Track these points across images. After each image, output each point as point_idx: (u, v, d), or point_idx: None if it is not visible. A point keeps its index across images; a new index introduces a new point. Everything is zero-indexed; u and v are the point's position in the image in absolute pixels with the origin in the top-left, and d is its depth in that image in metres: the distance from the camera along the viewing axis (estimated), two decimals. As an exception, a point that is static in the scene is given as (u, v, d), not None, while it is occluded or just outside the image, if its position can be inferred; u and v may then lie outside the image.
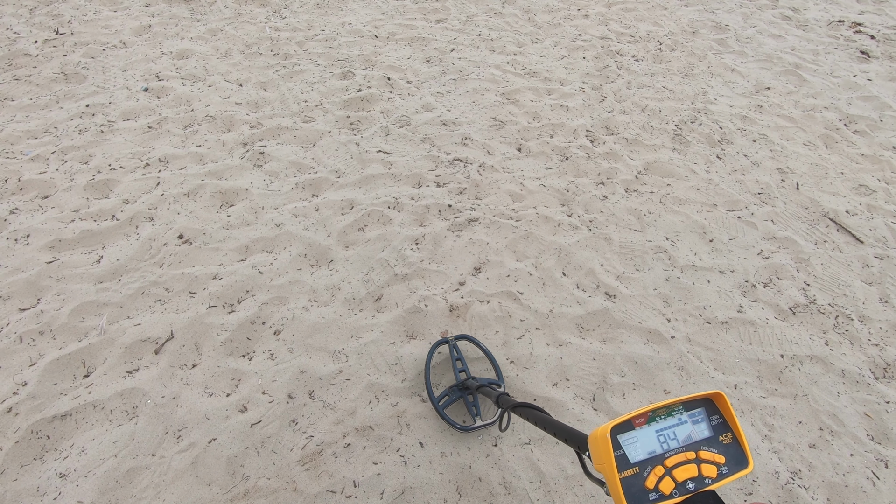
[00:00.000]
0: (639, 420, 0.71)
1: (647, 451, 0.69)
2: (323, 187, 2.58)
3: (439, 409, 1.70)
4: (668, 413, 0.72)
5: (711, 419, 0.73)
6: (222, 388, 1.77)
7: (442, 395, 1.74)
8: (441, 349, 1.92)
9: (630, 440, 0.70)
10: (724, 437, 0.72)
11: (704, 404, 0.74)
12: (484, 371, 1.88)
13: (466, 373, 1.80)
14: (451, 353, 1.84)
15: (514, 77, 3.56)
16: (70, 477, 1.52)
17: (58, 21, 3.63)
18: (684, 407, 0.73)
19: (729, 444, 0.72)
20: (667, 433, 0.71)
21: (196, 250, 2.21)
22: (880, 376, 2.00)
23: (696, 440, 0.71)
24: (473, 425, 1.67)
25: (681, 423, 0.72)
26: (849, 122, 3.39)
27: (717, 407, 0.74)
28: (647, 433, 0.70)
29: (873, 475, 1.71)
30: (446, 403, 1.73)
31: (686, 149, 3.05)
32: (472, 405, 1.72)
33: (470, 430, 1.66)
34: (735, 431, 0.73)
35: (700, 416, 0.73)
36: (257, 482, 1.55)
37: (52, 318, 1.90)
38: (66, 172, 2.50)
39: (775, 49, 4.18)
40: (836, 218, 2.67)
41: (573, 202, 2.62)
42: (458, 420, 1.72)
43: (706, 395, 0.74)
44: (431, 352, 1.85)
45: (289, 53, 3.57)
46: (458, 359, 1.83)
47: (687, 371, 1.94)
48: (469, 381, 1.71)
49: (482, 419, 1.69)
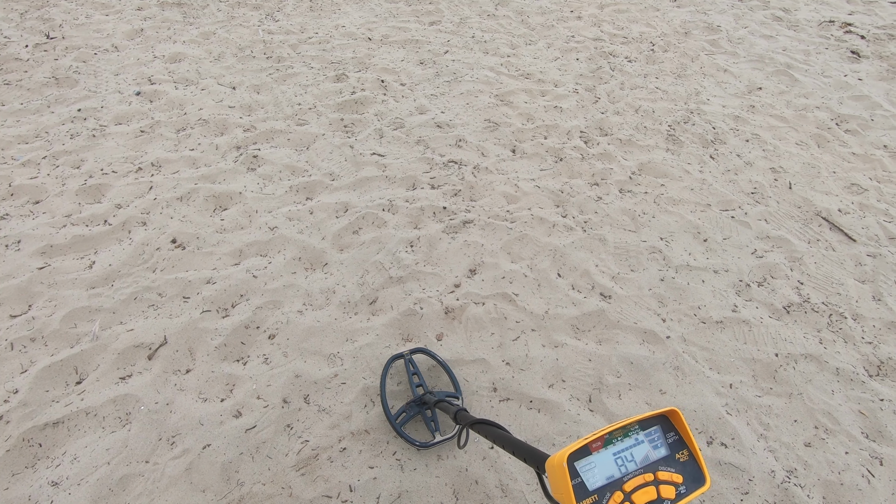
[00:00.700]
0: (595, 444, 0.70)
1: (605, 476, 0.68)
2: (317, 190, 2.57)
3: (396, 427, 1.65)
4: (625, 434, 0.71)
5: (668, 437, 0.73)
6: (216, 394, 1.76)
7: (399, 412, 1.70)
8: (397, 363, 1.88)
9: (588, 466, 0.69)
10: (680, 454, 0.72)
11: (660, 422, 0.74)
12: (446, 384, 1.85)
13: (424, 387, 1.75)
14: (407, 367, 1.79)
15: (507, 79, 3.57)
16: (62, 485, 1.51)
17: (49, 25, 3.61)
18: (640, 426, 0.72)
19: (686, 462, 0.72)
20: (624, 455, 0.70)
21: (189, 255, 2.19)
22: (874, 374, 2.01)
23: (654, 460, 0.71)
24: (431, 441, 1.63)
25: (638, 443, 0.71)
26: (840, 122, 3.42)
27: (673, 424, 0.74)
28: (605, 457, 0.69)
29: (868, 473, 1.71)
30: (404, 420, 1.68)
31: (679, 149, 3.07)
32: (431, 420, 1.68)
33: (429, 446, 1.63)
34: (691, 448, 0.73)
35: (656, 434, 0.73)
36: (252, 488, 1.54)
37: (44, 325, 1.88)
38: (58, 177, 2.48)
39: (767, 49, 4.21)
40: (829, 217, 2.69)
41: (568, 203, 2.62)
42: (418, 436, 1.67)
43: (661, 413, 0.74)
44: (386, 368, 1.80)
45: (282, 56, 3.57)
46: (415, 373, 1.78)
47: (682, 371, 1.94)
48: (426, 396, 1.66)
49: (441, 434, 1.65)
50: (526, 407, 1.79)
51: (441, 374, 1.87)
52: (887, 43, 4.36)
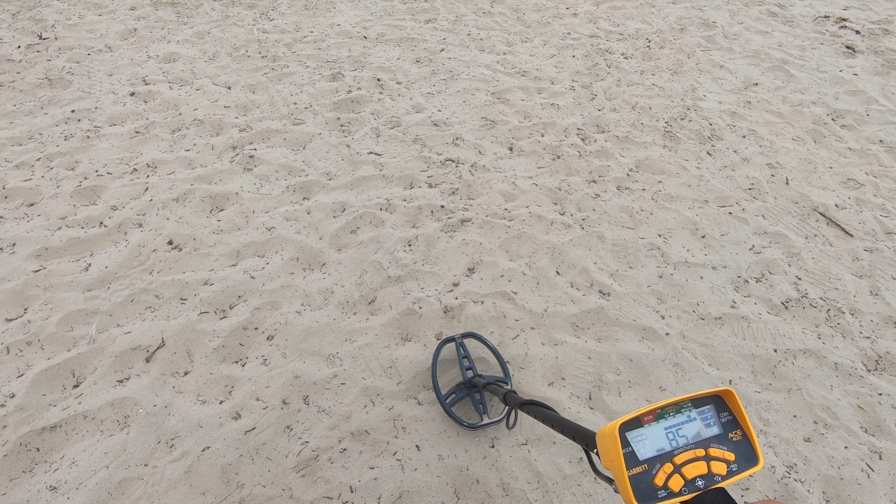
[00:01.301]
0: (647, 417, 0.70)
1: (655, 448, 0.69)
2: (314, 190, 2.56)
3: (447, 406, 1.69)
4: (677, 410, 0.72)
5: (721, 416, 0.73)
6: (215, 396, 1.75)
7: (449, 393, 1.74)
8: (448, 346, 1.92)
9: (639, 437, 0.69)
10: (733, 434, 0.72)
11: (714, 401, 0.74)
12: (488, 369, 1.87)
13: (473, 370, 1.79)
14: (458, 350, 1.84)
15: (504, 76, 3.56)
16: (61, 489, 1.49)
17: (41, 26, 3.57)
18: (693, 404, 0.73)
19: (739, 442, 0.71)
20: (676, 430, 0.71)
21: (186, 256, 2.18)
22: (872, 368, 2.01)
23: (706, 437, 0.71)
24: (480, 423, 1.67)
25: (690, 420, 0.72)
26: (836, 117, 3.42)
27: (727, 404, 0.74)
28: (656, 430, 0.70)
29: (868, 467, 1.72)
30: (453, 401, 1.73)
31: (676, 146, 3.06)
32: (479, 403, 1.72)
33: (477, 427, 1.66)
34: (745, 429, 0.73)
35: (709, 413, 0.73)
36: (252, 490, 1.53)
37: (40, 328, 1.87)
38: (52, 179, 2.46)
39: (762, 45, 4.21)
40: (826, 212, 2.69)
41: (565, 201, 2.62)
42: (465, 418, 1.71)
43: (716, 392, 0.74)
44: (438, 350, 1.85)
45: (277, 55, 3.55)
46: (465, 356, 1.82)
47: (682, 367, 1.94)
48: (476, 379, 1.70)
49: (489, 417, 1.69)
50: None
51: (488, 360, 1.90)
52: (882, 38, 4.36)
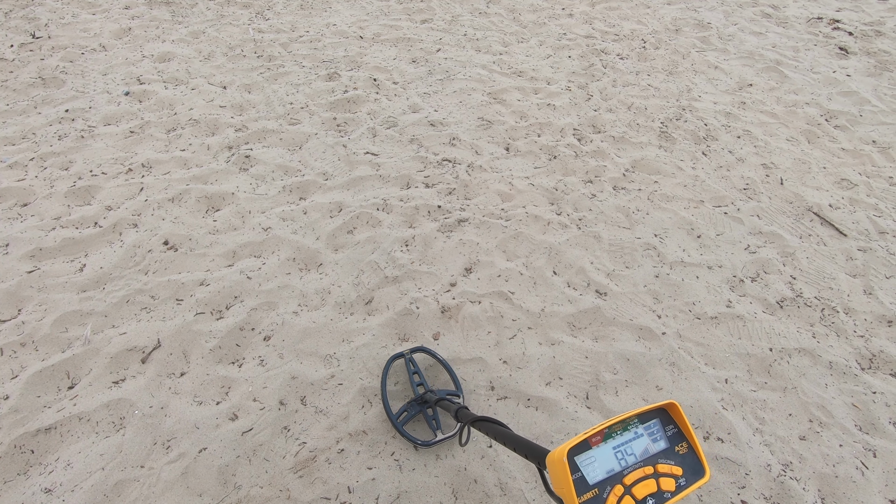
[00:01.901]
0: (595, 438, 0.70)
1: (605, 470, 0.68)
2: (310, 190, 2.55)
3: (398, 426, 1.66)
4: (624, 428, 0.72)
5: (667, 430, 0.73)
6: (212, 397, 1.74)
7: (401, 412, 1.70)
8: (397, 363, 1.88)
9: (588, 460, 0.69)
10: (679, 447, 0.72)
11: (659, 415, 0.74)
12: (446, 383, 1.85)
13: (424, 385, 1.75)
14: (408, 366, 1.79)
15: (500, 77, 3.56)
16: (56, 492, 1.48)
17: (34, 25, 3.55)
18: (639, 420, 0.73)
19: (685, 455, 0.72)
20: (624, 449, 0.70)
21: (182, 256, 2.17)
22: (866, 367, 2.03)
23: (653, 453, 0.71)
24: (434, 440, 1.63)
25: (637, 436, 0.71)
26: (830, 118, 3.45)
27: (672, 417, 0.74)
28: (605, 451, 0.70)
29: (862, 465, 1.73)
30: (405, 419, 1.68)
31: (672, 146, 3.08)
32: (433, 419, 1.68)
33: (431, 445, 1.63)
34: (690, 440, 0.73)
35: (655, 427, 0.73)
36: (250, 491, 1.53)
37: (34, 329, 1.85)
38: (46, 179, 2.44)
39: (757, 46, 4.24)
40: (820, 212, 2.71)
41: (562, 201, 2.63)
42: (420, 435, 1.67)
43: (660, 406, 0.74)
44: (387, 367, 1.80)
45: (273, 55, 3.53)
46: (416, 372, 1.78)
47: (678, 367, 1.95)
48: (427, 395, 1.67)
49: (443, 432, 1.65)
50: (523, 405, 1.79)
51: (441, 372, 1.87)
52: (874, 39, 4.40)
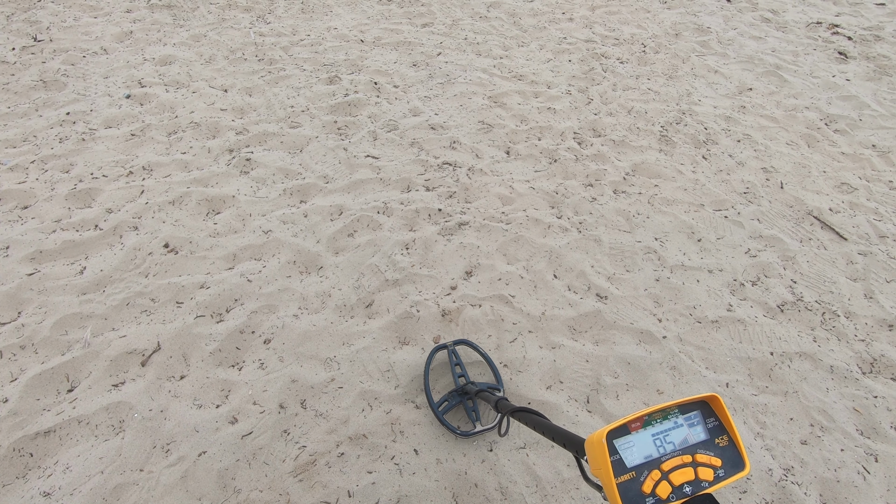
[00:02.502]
0: (635, 424, 0.70)
1: (643, 455, 0.69)
2: (311, 193, 2.56)
3: (439, 414, 1.69)
4: (664, 417, 0.72)
5: (707, 422, 0.73)
6: (212, 400, 1.74)
7: (441, 401, 1.73)
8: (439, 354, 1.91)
9: (626, 444, 0.69)
10: (720, 439, 0.72)
11: (700, 407, 0.74)
12: (480, 375, 1.87)
13: (465, 377, 1.79)
14: (450, 357, 1.83)
15: (500, 80, 3.57)
16: (55, 495, 1.48)
17: (36, 28, 3.55)
18: (680, 410, 0.73)
19: (725, 447, 0.72)
20: (663, 437, 0.71)
21: (182, 259, 2.17)
22: (867, 371, 2.03)
23: (693, 443, 0.71)
24: (473, 430, 1.66)
25: (677, 426, 0.72)
26: (829, 122, 3.46)
27: (713, 409, 0.74)
28: (643, 437, 0.70)
29: (864, 469, 1.73)
30: (446, 409, 1.72)
31: (672, 150, 3.08)
32: (472, 410, 1.71)
33: (470, 435, 1.66)
34: (731, 434, 0.73)
35: (696, 419, 0.73)
36: (249, 495, 1.52)
37: (34, 332, 1.85)
38: (47, 182, 2.44)
39: (756, 50, 4.25)
40: (820, 216, 2.71)
41: (562, 204, 2.63)
42: (458, 426, 1.71)
43: (702, 398, 0.74)
44: (430, 357, 1.84)
45: (274, 59, 3.54)
46: (457, 364, 1.82)
47: (679, 371, 1.95)
48: (468, 386, 1.70)
49: (482, 424, 1.69)
50: (524, 409, 1.79)
51: (480, 367, 1.88)
52: (873, 44, 4.42)
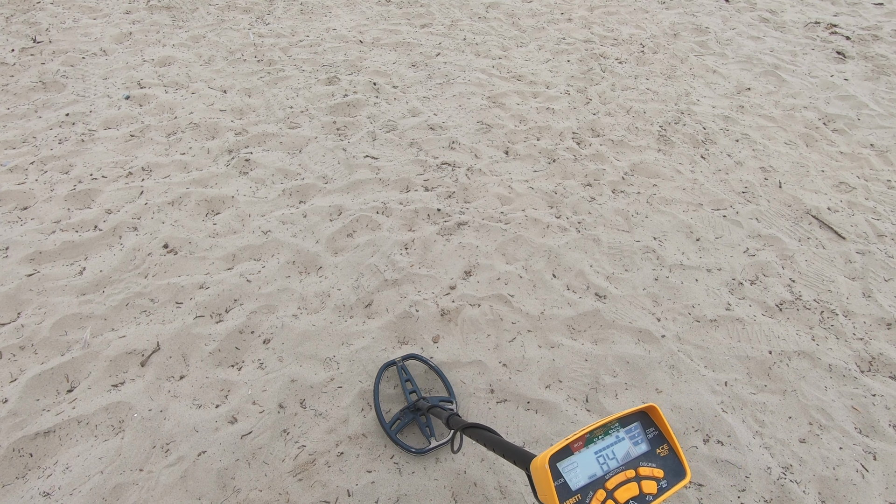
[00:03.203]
0: (577, 444, 0.70)
1: (587, 475, 0.68)
2: (310, 193, 2.56)
3: (391, 434, 1.65)
4: (606, 432, 0.72)
5: (647, 432, 0.73)
6: (211, 400, 1.74)
7: (394, 420, 1.70)
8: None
9: (570, 466, 0.68)
10: (660, 449, 0.72)
11: (640, 418, 0.74)
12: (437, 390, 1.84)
13: (417, 393, 1.75)
14: (400, 374, 1.80)
15: (499, 81, 3.58)
16: (55, 495, 1.48)
17: (35, 29, 3.56)
18: (620, 423, 0.73)
19: (666, 457, 0.72)
20: (606, 453, 0.70)
21: (182, 259, 2.17)
22: (866, 370, 2.03)
23: (635, 456, 0.71)
24: (427, 447, 1.63)
25: (618, 440, 0.71)
26: (828, 121, 3.46)
27: (652, 419, 0.74)
28: (587, 456, 0.70)
29: (862, 468, 1.73)
30: (399, 427, 1.68)
31: (671, 149, 3.09)
32: (426, 426, 1.68)
33: (424, 452, 1.63)
34: (671, 442, 0.73)
35: (636, 430, 0.73)
36: (249, 494, 1.52)
37: (34, 333, 1.85)
38: (46, 183, 2.44)
39: (755, 50, 4.26)
40: (819, 215, 2.72)
41: (561, 204, 2.63)
42: (413, 443, 1.67)
43: (640, 409, 0.74)
44: (379, 375, 1.80)
45: (273, 59, 3.55)
46: (408, 380, 1.78)
47: (678, 370, 1.95)
48: (420, 402, 1.67)
49: (437, 439, 1.65)
50: (523, 408, 1.79)
51: (436, 377, 1.87)
52: (871, 44, 4.43)
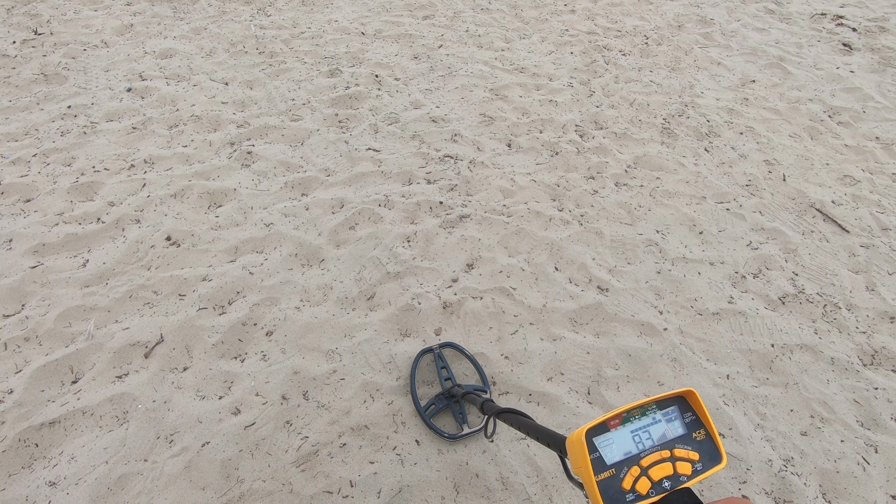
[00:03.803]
0: (613, 421, 0.71)
1: (622, 451, 0.69)
2: (312, 186, 2.56)
3: (426, 418, 1.69)
4: (643, 413, 0.72)
5: (685, 416, 0.74)
6: (214, 391, 1.75)
7: (429, 405, 1.73)
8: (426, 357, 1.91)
9: (606, 442, 0.70)
10: (697, 433, 0.73)
11: (677, 402, 0.75)
12: (464, 377, 1.87)
13: (452, 380, 1.79)
14: (436, 361, 1.84)
15: (502, 73, 3.55)
16: (60, 485, 1.49)
17: (36, 21, 3.55)
18: (658, 406, 0.73)
19: (702, 441, 0.73)
20: (641, 433, 0.71)
21: (184, 252, 2.18)
22: (868, 363, 2.03)
23: (671, 438, 0.72)
24: (460, 433, 1.66)
25: (655, 422, 0.72)
26: (833, 114, 3.44)
27: (690, 404, 0.75)
28: (623, 434, 0.71)
29: (864, 460, 1.73)
30: (433, 412, 1.72)
31: (674, 142, 3.07)
32: (459, 413, 1.71)
33: (457, 438, 1.66)
34: (708, 427, 0.74)
35: (673, 414, 0.74)
36: (252, 485, 1.54)
37: (38, 324, 1.86)
38: (49, 175, 2.45)
39: (760, 42, 4.22)
40: (823, 208, 2.70)
41: (564, 197, 2.63)
42: (446, 429, 1.71)
43: (679, 394, 0.75)
44: (416, 361, 1.84)
45: (275, 52, 3.53)
46: (444, 367, 1.82)
47: (680, 363, 1.95)
48: (455, 389, 1.70)
49: (469, 426, 1.68)
50: (525, 400, 1.80)
51: (467, 368, 1.89)
52: (878, 35, 4.38)
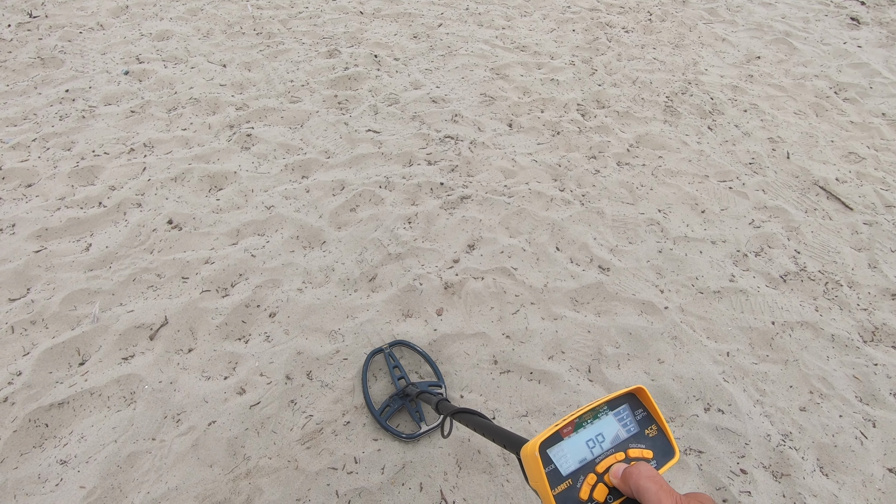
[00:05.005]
0: (566, 429, 0.70)
1: (577, 459, 0.68)
2: (313, 168, 2.55)
3: (381, 421, 1.67)
4: (594, 416, 0.72)
5: (636, 414, 0.74)
6: (219, 372, 1.77)
7: (383, 407, 1.71)
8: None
9: (560, 452, 0.68)
10: (649, 430, 0.73)
11: (628, 400, 0.74)
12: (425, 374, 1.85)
13: (405, 379, 1.77)
14: (388, 361, 1.81)
15: (503, 52, 3.50)
16: (71, 463, 1.53)
17: (31, 4, 3.50)
18: (609, 406, 0.73)
19: (655, 437, 0.72)
20: (595, 437, 0.71)
21: (186, 235, 2.18)
22: (868, 340, 2.04)
23: (624, 439, 0.71)
24: (418, 432, 1.65)
25: (607, 424, 0.72)
26: (839, 90, 3.39)
27: (640, 401, 0.75)
28: (576, 441, 0.70)
29: (861, 434, 1.75)
30: (388, 414, 1.69)
31: (677, 120, 3.04)
32: (416, 411, 1.70)
33: (415, 437, 1.65)
34: (659, 422, 0.74)
35: (625, 412, 0.73)
36: (259, 462, 1.57)
37: (44, 308, 1.88)
38: (49, 160, 2.44)
39: (766, 17, 4.14)
40: (826, 186, 2.68)
41: (565, 177, 2.61)
42: (404, 428, 1.69)
43: (628, 391, 0.75)
44: (366, 363, 1.81)
45: (272, 32, 3.49)
46: (396, 366, 1.80)
47: (680, 340, 1.96)
48: (409, 388, 1.68)
49: (427, 424, 1.67)
50: (526, 378, 1.82)
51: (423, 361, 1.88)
52: (887, 9, 4.29)
